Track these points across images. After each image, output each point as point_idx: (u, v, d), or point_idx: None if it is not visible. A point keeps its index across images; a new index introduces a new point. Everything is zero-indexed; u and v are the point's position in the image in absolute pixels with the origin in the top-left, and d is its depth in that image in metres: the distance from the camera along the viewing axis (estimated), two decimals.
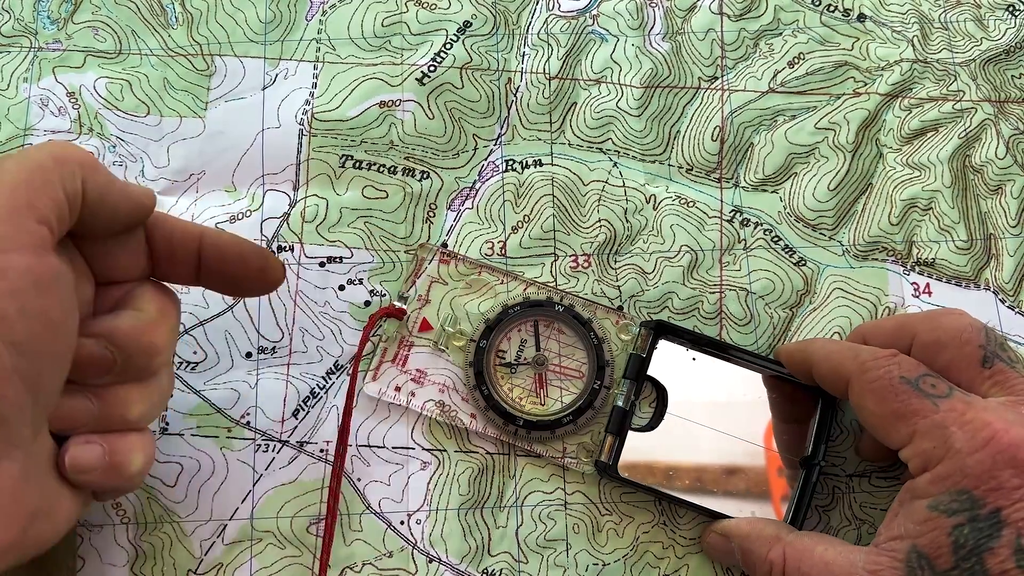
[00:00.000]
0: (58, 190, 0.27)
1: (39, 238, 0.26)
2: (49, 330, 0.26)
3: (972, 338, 0.34)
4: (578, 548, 0.39)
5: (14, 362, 0.25)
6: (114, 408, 0.29)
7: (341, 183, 0.43)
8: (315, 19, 0.45)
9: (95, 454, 0.29)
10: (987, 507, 0.30)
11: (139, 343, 0.29)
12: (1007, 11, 0.46)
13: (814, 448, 0.38)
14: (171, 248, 0.32)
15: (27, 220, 0.26)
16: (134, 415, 0.30)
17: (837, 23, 0.45)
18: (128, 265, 0.31)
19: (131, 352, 0.29)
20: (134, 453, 0.30)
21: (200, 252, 0.32)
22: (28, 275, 0.25)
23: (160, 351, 0.30)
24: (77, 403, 0.29)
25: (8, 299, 0.25)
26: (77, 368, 0.28)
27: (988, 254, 0.42)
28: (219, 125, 0.43)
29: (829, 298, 0.42)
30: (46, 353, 0.26)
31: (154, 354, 0.30)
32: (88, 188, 0.28)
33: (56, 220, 0.27)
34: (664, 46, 0.45)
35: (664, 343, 0.40)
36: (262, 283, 0.34)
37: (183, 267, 0.32)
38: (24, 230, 0.26)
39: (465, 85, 0.44)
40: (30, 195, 0.26)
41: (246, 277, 0.33)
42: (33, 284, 0.25)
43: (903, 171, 0.43)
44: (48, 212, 0.26)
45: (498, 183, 0.43)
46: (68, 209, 0.27)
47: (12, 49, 0.45)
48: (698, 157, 0.43)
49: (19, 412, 0.25)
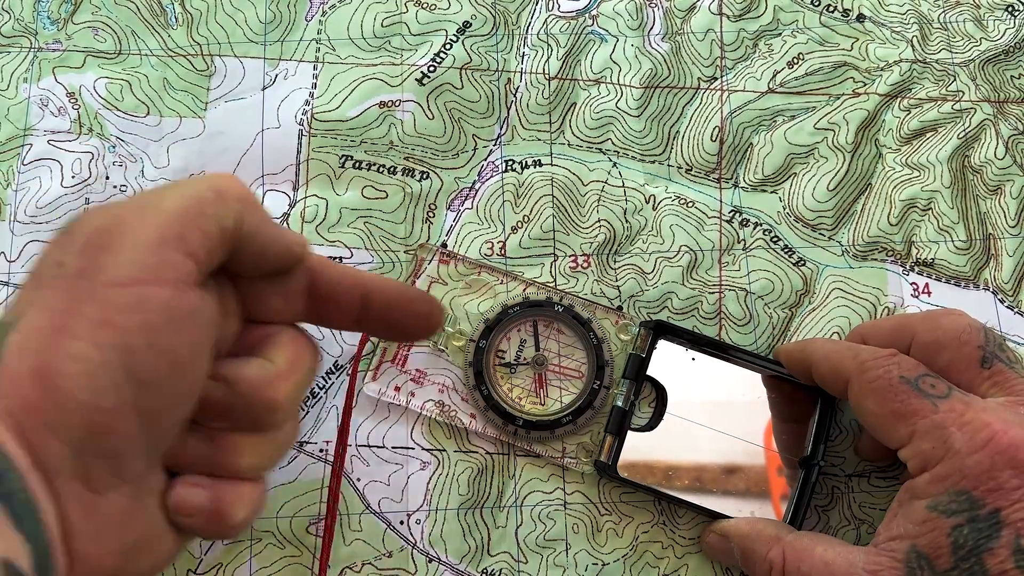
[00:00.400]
0: (212, 224, 0.26)
1: (183, 272, 0.25)
2: (176, 369, 0.25)
3: (971, 339, 0.34)
4: (578, 548, 0.39)
5: (135, 397, 0.24)
6: (225, 455, 0.28)
7: (341, 183, 0.43)
8: (315, 19, 0.45)
9: (199, 499, 0.27)
10: (986, 508, 0.30)
11: (259, 396, 0.27)
12: (1006, 11, 0.46)
13: (813, 448, 0.38)
14: (335, 295, 0.30)
15: (174, 252, 0.25)
16: (243, 465, 0.28)
17: (836, 23, 0.45)
18: (282, 308, 0.30)
19: (249, 404, 0.27)
20: (239, 504, 0.28)
21: (365, 300, 0.31)
22: (164, 310, 0.24)
23: (279, 408, 0.28)
24: (191, 442, 0.27)
25: (139, 333, 0.24)
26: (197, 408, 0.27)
27: (987, 254, 0.42)
28: (219, 125, 0.43)
29: (828, 298, 0.42)
30: (169, 392, 0.25)
31: (272, 410, 0.28)
32: (243, 226, 0.27)
33: (205, 255, 0.26)
34: (664, 46, 0.45)
35: (663, 343, 0.40)
36: (426, 329, 0.32)
37: (344, 314, 0.31)
38: (169, 263, 0.25)
39: (465, 85, 0.44)
40: (182, 227, 0.25)
41: (412, 324, 0.32)
42: (168, 320, 0.24)
43: (902, 171, 0.43)
44: (198, 246, 0.25)
45: (498, 183, 0.43)
46: (220, 244, 0.26)
47: (12, 49, 0.45)
48: (697, 157, 0.43)
49: (133, 447, 0.25)
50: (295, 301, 0.30)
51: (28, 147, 0.43)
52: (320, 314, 0.31)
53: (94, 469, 0.24)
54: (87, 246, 0.25)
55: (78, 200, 0.43)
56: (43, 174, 0.43)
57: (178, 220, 0.25)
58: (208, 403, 0.27)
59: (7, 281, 0.42)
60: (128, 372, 0.24)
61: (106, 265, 0.24)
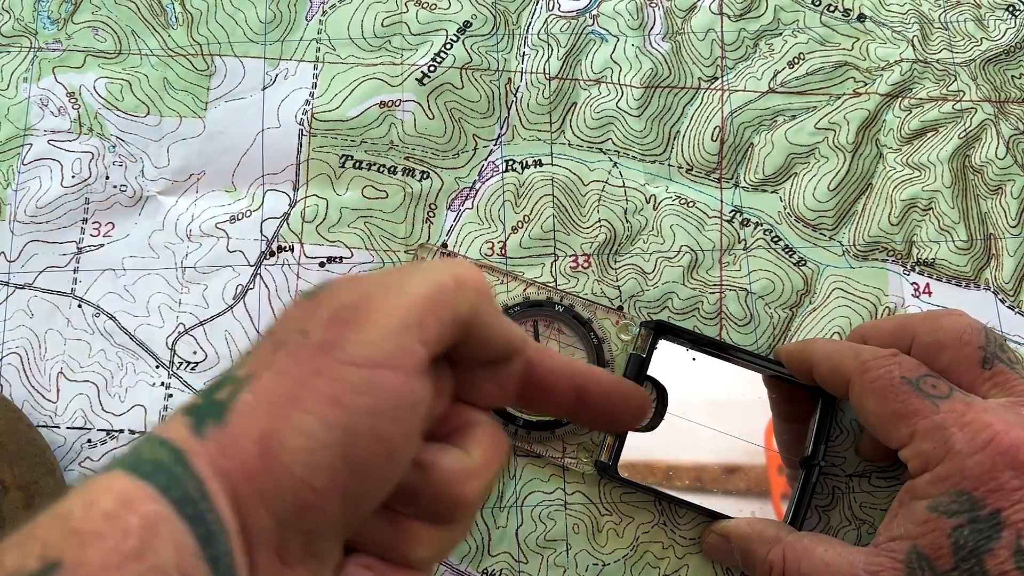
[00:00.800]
0: (449, 313, 0.25)
1: (417, 359, 0.24)
2: (388, 456, 0.24)
3: (972, 339, 0.34)
4: (578, 548, 0.39)
5: (345, 480, 0.23)
6: (402, 541, 0.27)
7: (341, 183, 0.43)
8: (315, 19, 0.45)
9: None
10: (987, 508, 0.30)
11: (450, 489, 0.27)
12: (1007, 11, 0.46)
13: (814, 448, 0.38)
14: (549, 386, 0.30)
15: (412, 340, 0.24)
16: (416, 555, 0.27)
17: (837, 23, 0.45)
18: (494, 394, 0.29)
19: (439, 494, 0.27)
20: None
21: (580, 393, 0.30)
22: (392, 396, 0.24)
23: (466, 505, 0.27)
24: (373, 521, 0.27)
25: (365, 417, 0.23)
26: None
27: (988, 254, 0.42)
28: (219, 125, 0.43)
29: (829, 298, 0.42)
30: (377, 477, 0.24)
31: (460, 506, 0.27)
32: (475, 317, 0.26)
33: (437, 343, 0.25)
34: (664, 46, 0.45)
35: (664, 343, 0.40)
36: (637, 421, 0.32)
37: (557, 404, 0.30)
38: (406, 349, 0.24)
39: (465, 85, 0.44)
40: (423, 314, 0.25)
41: (623, 417, 0.31)
42: (393, 406, 0.24)
43: (903, 171, 0.43)
44: (432, 334, 0.25)
45: (498, 183, 0.43)
46: (452, 333, 0.26)
47: (12, 49, 0.45)
48: (698, 157, 0.43)
49: (331, 528, 0.24)
50: (509, 389, 0.29)
51: (28, 147, 0.43)
52: (532, 401, 0.30)
53: (292, 544, 0.24)
54: (333, 320, 0.24)
55: (78, 200, 0.43)
56: (43, 174, 0.43)
57: (421, 306, 0.25)
58: (400, 486, 0.26)
59: (7, 281, 0.42)
60: (346, 455, 0.23)
61: (348, 343, 0.24)
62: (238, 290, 0.42)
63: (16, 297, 0.42)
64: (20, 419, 0.39)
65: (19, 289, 0.42)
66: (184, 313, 0.42)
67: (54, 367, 0.41)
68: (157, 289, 0.42)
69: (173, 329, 0.42)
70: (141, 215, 0.43)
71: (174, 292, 0.42)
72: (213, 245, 0.42)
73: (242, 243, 0.42)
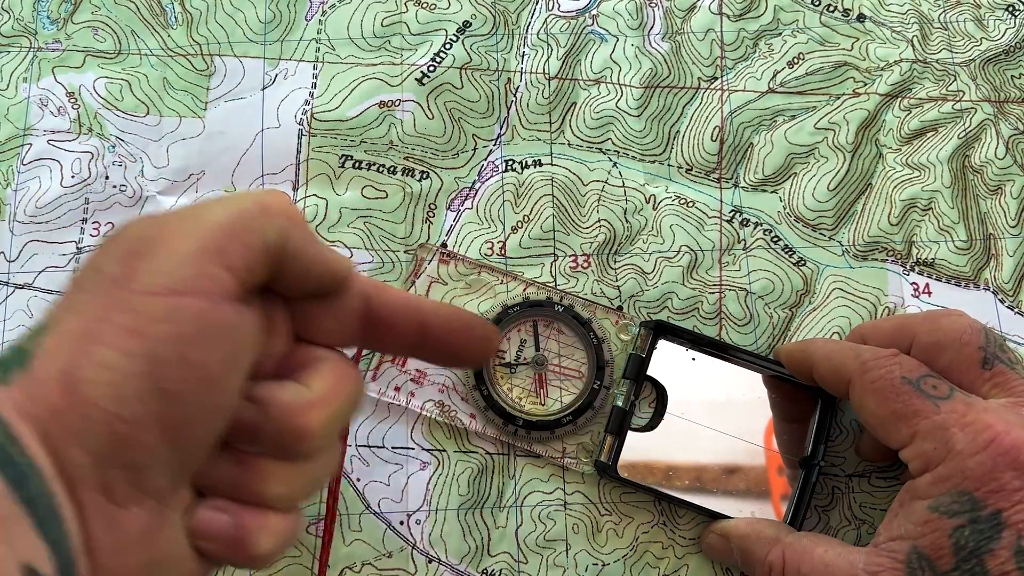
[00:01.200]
0: (255, 238, 0.25)
1: (221, 285, 0.24)
2: (205, 384, 0.24)
3: (972, 340, 0.34)
4: (578, 548, 0.39)
5: (160, 410, 0.23)
6: (253, 480, 0.27)
7: (341, 183, 0.43)
8: (315, 19, 0.45)
9: (220, 523, 0.26)
10: (988, 509, 0.30)
11: (290, 422, 0.26)
12: (1007, 11, 0.46)
13: (814, 448, 0.38)
14: (390, 321, 0.30)
15: (212, 265, 0.24)
16: (271, 493, 0.27)
17: (837, 23, 0.45)
18: (334, 330, 0.29)
19: (279, 429, 0.26)
20: (263, 534, 0.26)
21: (423, 326, 0.30)
22: (197, 323, 0.24)
23: (310, 436, 0.27)
24: (221, 464, 0.26)
25: (170, 344, 0.23)
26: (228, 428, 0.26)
27: (988, 254, 0.42)
28: (219, 125, 0.43)
29: (829, 298, 0.42)
30: (197, 407, 0.24)
31: (303, 438, 0.27)
32: (287, 243, 0.26)
33: (246, 270, 0.25)
34: (664, 46, 0.45)
35: (664, 343, 0.40)
36: (484, 353, 0.32)
37: (401, 340, 0.30)
38: (206, 275, 0.24)
39: (465, 85, 0.44)
40: (224, 240, 0.24)
41: (469, 349, 0.31)
42: (200, 333, 0.24)
43: (903, 171, 0.43)
44: (238, 260, 0.25)
45: (498, 183, 0.43)
46: (262, 260, 0.25)
47: (12, 49, 0.44)
48: (698, 157, 0.43)
49: (156, 461, 0.24)
50: (348, 324, 0.29)
51: (28, 147, 0.43)
52: (375, 339, 0.30)
53: (116, 481, 0.23)
54: (126, 254, 0.24)
55: (78, 200, 0.43)
56: (43, 174, 0.43)
57: (220, 232, 0.24)
58: (239, 424, 0.26)
59: (7, 281, 0.42)
60: (155, 384, 0.23)
61: (142, 273, 0.24)
62: None
63: (16, 297, 0.42)
64: None
65: (19, 289, 0.42)
66: None
67: None
68: None
69: None
70: (141, 215, 0.43)
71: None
72: None
73: None
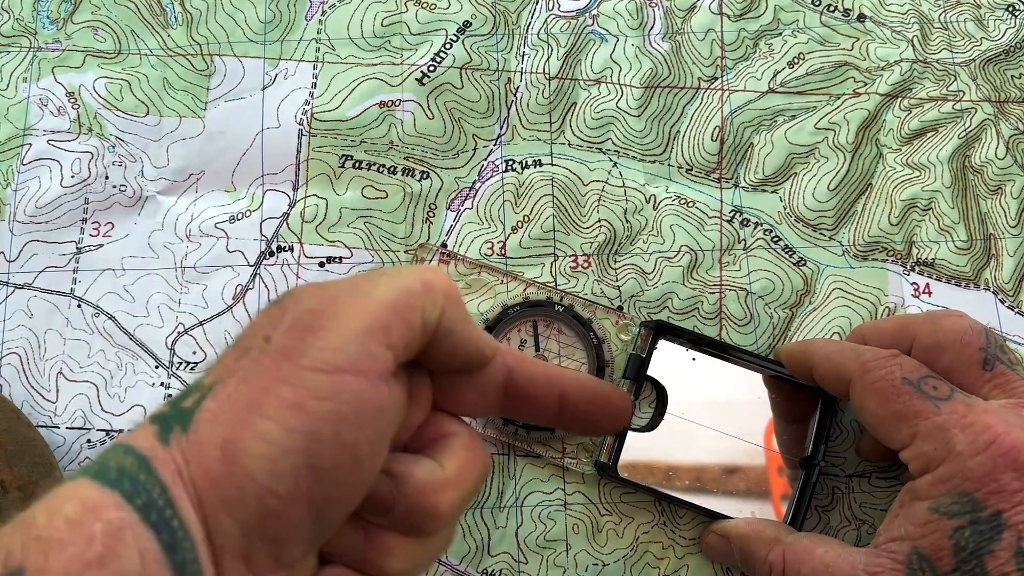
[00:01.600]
0: (417, 317, 0.25)
1: (381, 363, 0.24)
2: (354, 463, 0.24)
3: (972, 341, 0.34)
4: (578, 548, 0.39)
5: (310, 486, 0.23)
6: (377, 553, 0.27)
7: (341, 183, 0.43)
8: (315, 19, 0.45)
9: None
10: (988, 510, 0.30)
11: (422, 501, 0.26)
12: (1007, 11, 0.46)
13: (814, 448, 0.38)
14: (531, 393, 0.30)
15: (376, 344, 0.24)
16: (392, 569, 0.27)
17: (837, 23, 0.45)
18: (476, 402, 0.29)
19: (411, 506, 0.26)
20: None
21: (564, 398, 0.30)
22: (357, 402, 0.24)
23: (439, 517, 0.27)
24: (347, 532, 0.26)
25: (328, 422, 0.23)
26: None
27: (988, 254, 0.42)
28: (219, 125, 0.43)
29: (829, 298, 0.42)
30: (344, 484, 0.24)
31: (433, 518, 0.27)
32: (443, 322, 0.26)
33: (404, 347, 0.25)
34: (664, 46, 0.45)
35: (664, 343, 0.40)
36: (619, 423, 0.33)
37: (541, 412, 0.31)
38: (369, 353, 0.24)
39: (465, 85, 0.44)
40: (389, 318, 0.25)
41: (607, 420, 0.32)
42: (357, 413, 0.24)
43: (903, 171, 0.43)
44: (399, 338, 0.25)
45: (498, 183, 0.43)
46: (420, 338, 0.26)
47: (12, 49, 0.44)
48: (698, 157, 0.43)
49: (297, 534, 0.24)
50: (490, 397, 0.29)
51: (28, 147, 0.43)
52: (515, 410, 0.30)
53: (258, 552, 0.23)
54: (296, 325, 0.24)
55: (78, 200, 0.43)
56: (43, 174, 0.43)
57: (386, 311, 0.25)
58: (371, 496, 0.26)
59: (7, 281, 0.42)
60: (308, 461, 0.23)
61: (311, 348, 0.24)
62: (238, 290, 0.42)
63: (16, 297, 0.42)
64: (20, 419, 0.39)
65: (18, 289, 0.42)
66: (184, 313, 0.42)
67: (54, 367, 0.41)
68: (157, 289, 0.42)
69: (173, 329, 0.42)
70: (140, 215, 0.43)
71: (174, 292, 0.42)
72: (213, 245, 0.42)
73: (242, 243, 0.42)
